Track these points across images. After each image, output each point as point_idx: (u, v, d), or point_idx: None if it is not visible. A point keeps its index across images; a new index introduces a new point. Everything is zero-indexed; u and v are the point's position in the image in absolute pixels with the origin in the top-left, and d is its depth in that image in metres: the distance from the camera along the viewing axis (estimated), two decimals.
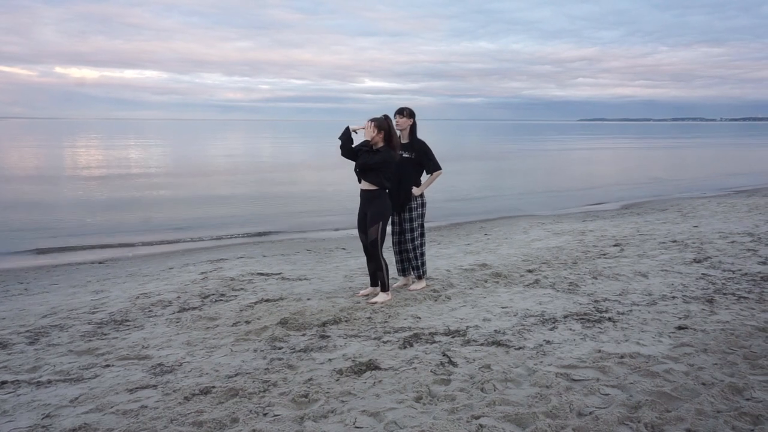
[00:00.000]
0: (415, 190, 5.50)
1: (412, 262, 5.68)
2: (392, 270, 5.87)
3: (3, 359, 4.12)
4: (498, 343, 4.12)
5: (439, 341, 4.21)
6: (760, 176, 20.65)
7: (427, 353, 3.96)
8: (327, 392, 3.38)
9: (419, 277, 5.73)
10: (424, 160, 5.51)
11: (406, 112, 5.46)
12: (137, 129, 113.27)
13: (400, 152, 5.37)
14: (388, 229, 5.45)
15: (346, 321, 4.74)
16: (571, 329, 4.42)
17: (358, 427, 2.98)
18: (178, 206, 14.22)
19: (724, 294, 5.29)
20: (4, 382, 3.68)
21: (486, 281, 6.02)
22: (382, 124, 5.17)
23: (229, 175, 22.33)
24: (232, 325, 4.74)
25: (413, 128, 5.53)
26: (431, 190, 5.77)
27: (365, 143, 5.17)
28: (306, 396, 3.33)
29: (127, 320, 5.03)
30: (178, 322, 4.89)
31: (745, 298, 5.15)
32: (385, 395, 3.32)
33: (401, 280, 5.86)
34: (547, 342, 4.14)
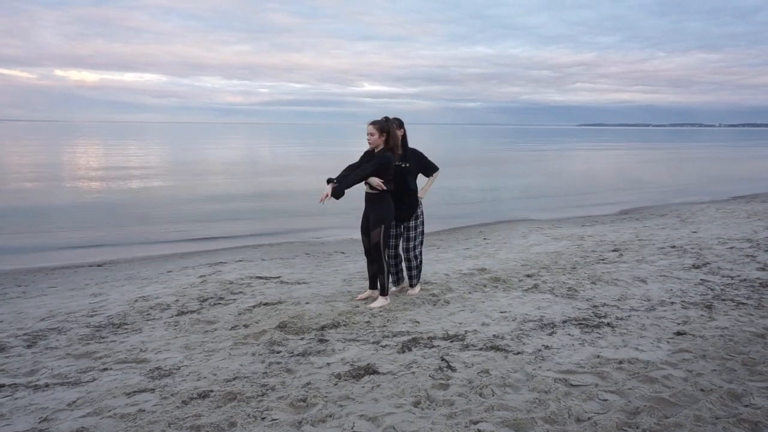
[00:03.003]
0: (421, 194, 5.55)
1: (412, 271, 5.67)
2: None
3: (1, 362, 4.11)
4: (497, 348, 4.11)
5: (438, 346, 4.20)
6: (759, 182, 20.67)
7: (426, 358, 3.96)
8: (325, 396, 3.37)
9: (414, 285, 5.74)
10: (421, 167, 5.53)
11: (396, 124, 5.32)
12: (137, 132, 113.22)
13: (398, 163, 5.36)
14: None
15: (344, 325, 4.74)
16: (569, 334, 4.42)
17: None
18: (177, 209, 14.21)
19: (723, 300, 5.29)
20: (2, 386, 3.67)
21: (485, 286, 6.02)
22: (384, 126, 5.16)
23: (228, 179, 22.34)
24: (231, 329, 4.73)
25: (404, 138, 5.43)
26: (428, 193, 5.79)
27: (369, 152, 5.21)
28: (304, 400, 3.32)
29: (125, 324, 5.03)
30: (176, 326, 4.88)
31: (743, 304, 5.15)
32: (383, 400, 3.32)
33: (395, 288, 5.83)
34: (546, 347, 4.14)
